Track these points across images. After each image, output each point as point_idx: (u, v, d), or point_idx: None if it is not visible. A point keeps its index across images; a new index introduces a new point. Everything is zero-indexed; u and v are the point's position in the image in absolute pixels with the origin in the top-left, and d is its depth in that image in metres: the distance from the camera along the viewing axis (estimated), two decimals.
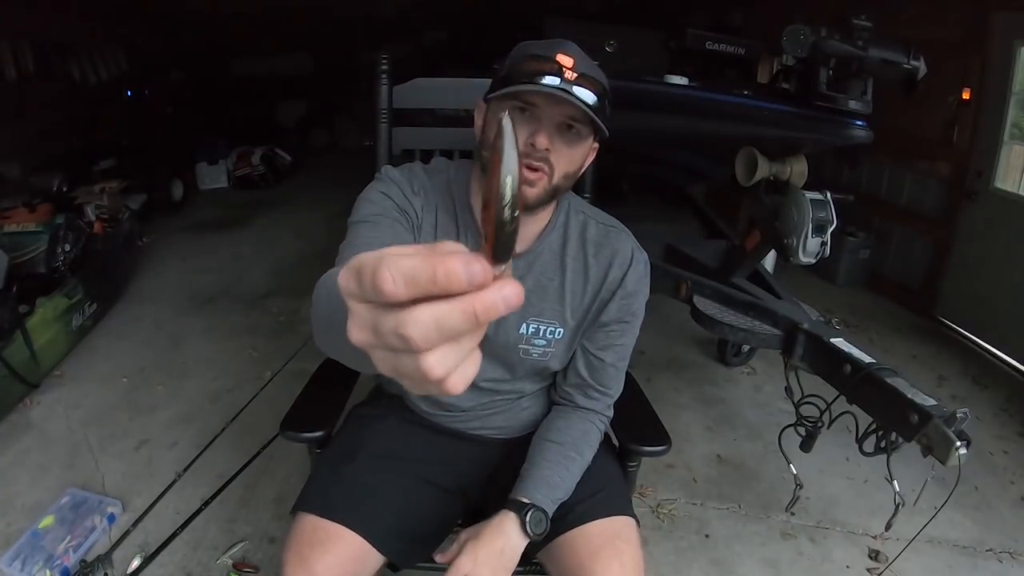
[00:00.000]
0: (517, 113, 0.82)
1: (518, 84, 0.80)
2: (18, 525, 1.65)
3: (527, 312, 0.95)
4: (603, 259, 0.95)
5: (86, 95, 4.38)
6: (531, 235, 0.94)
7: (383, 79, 1.26)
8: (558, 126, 0.82)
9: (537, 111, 0.82)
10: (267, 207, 4.84)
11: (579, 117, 0.81)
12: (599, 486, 0.99)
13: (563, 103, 0.80)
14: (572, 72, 0.79)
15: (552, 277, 0.95)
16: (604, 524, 0.93)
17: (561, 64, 0.79)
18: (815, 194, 1.72)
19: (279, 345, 2.65)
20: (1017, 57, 2.64)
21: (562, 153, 0.84)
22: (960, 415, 1.17)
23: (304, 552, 0.88)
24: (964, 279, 2.95)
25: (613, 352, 0.99)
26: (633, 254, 0.96)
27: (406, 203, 0.90)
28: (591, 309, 0.96)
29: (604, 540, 0.91)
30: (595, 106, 0.81)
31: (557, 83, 0.78)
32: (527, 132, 0.82)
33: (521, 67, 0.81)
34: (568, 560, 0.91)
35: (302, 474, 1.07)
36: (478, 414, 1.06)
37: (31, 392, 2.24)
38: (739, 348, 2.52)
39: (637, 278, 0.96)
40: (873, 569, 1.61)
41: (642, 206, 3.15)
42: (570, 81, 0.79)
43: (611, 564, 0.88)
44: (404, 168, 0.96)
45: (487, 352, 0.99)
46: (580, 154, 0.87)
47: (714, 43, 2.45)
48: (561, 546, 0.93)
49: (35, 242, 2.56)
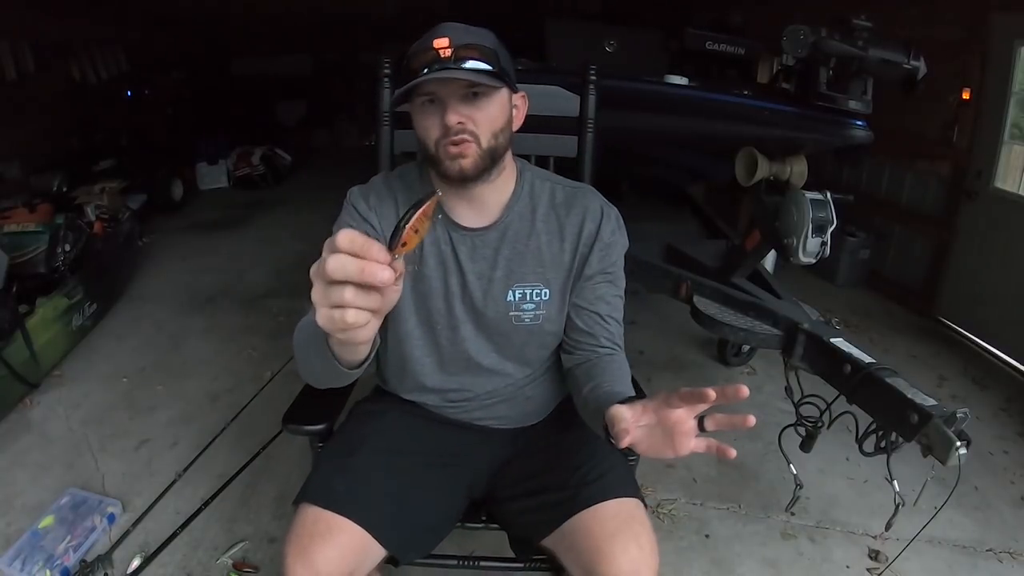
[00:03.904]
0: (428, 105, 0.88)
1: (407, 83, 0.87)
2: (18, 525, 1.65)
3: (510, 280, 0.99)
4: (575, 217, 1.00)
5: (86, 95, 4.38)
6: (497, 206, 0.99)
7: (385, 82, 1.26)
8: (462, 97, 0.87)
9: (439, 95, 0.87)
10: (267, 207, 4.85)
11: (475, 81, 0.86)
12: (606, 467, 0.99)
13: (451, 81, 0.85)
14: (449, 50, 0.85)
15: (527, 242, 0.99)
16: (617, 506, 0.93)
17: (437, 48, 0.85)
18: (815, 194, 1.72)
19: (279, 345, 2.65)
20: (1017, 57, 2.64)
21: (478, 116, 0.88)
22: (960, 415, 1.17)
23: (305, 543, 0.88)
24: (964, 279, 2.95)
25: (605, 304, 1.01)
26: (603, 208, 1.01)
27: (366, 227, 0.97)
28: (573, 266, 1.00)
29: (620, 523, 0.90)
30: (483, 67, 0.86)
31: (438, 68, 0.84)
32: (438, 118, 0.87)
33: (411, 65, 0.87)
34: (584, 542, 0.90)
35: (302, 473, 1.07)
36: (482, 403, 1.07)
37: (31, 392, 2.24)
38: (739, 348, 2.52)
39: (611, 229, 1.00)
40: (873, 569, 1.61)
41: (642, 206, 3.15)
42: (449, 59, 0.85)
43: (629, 547, 0.87)
44: (366, 186, 1.02)
45: (483, 330, 1.01)
46: (497, 109, 0.90)
47: (714, 43, 2.44)
48: (573, 529, 0.92)
49: (35, 242, 2.56)
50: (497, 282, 0.99)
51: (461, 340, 1.02)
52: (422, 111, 0.89)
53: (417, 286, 0.99)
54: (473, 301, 1.00)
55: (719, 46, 2.45)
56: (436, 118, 0.88)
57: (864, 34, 1.72)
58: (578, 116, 1.30)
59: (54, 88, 4.01)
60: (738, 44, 2.49)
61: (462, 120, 0.86)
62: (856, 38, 1.72)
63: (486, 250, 0.98)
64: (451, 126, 0.86)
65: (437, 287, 0.99)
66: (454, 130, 0.86)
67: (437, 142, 0.88)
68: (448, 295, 1.00)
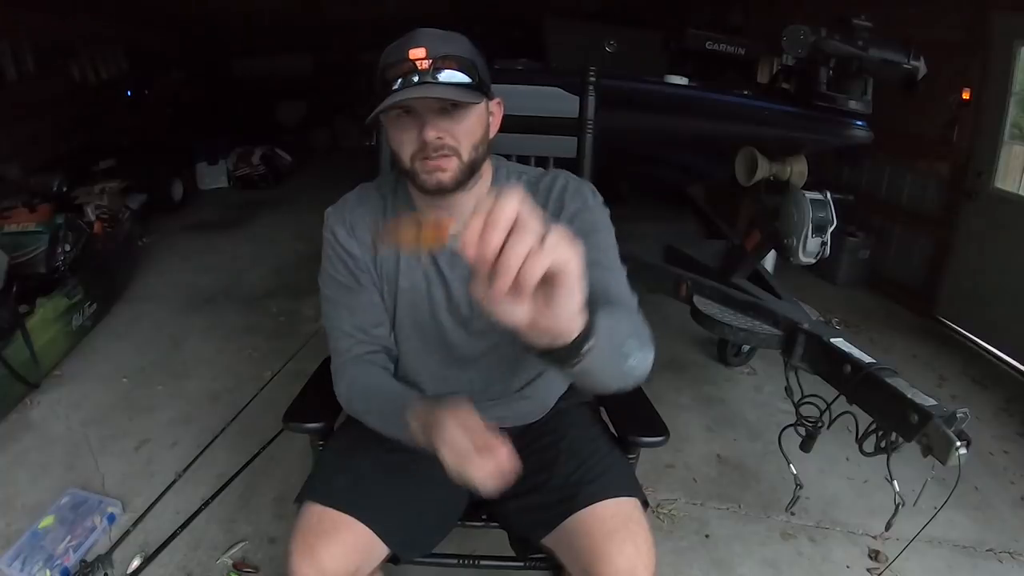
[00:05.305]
0: (403, 117, 0.84)
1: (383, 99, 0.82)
2: (18, 525, 1.65)
3: None
4: (540, 197, 0.95)
5: (86, 95, 4.38)
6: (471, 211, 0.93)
7: None
8: (440, 110, 0.83)
9: (415, 108, 0.83)
10: (267, 207, 4.84)
11: (453, 95, 0.82)
12: (605, 467, 0.99)
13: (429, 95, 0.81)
14: (426, 61, 0.81)
15: None
16: (615, 505, 0.93)
17: (414, 59, 0.81)
18: (815, 194, 1.72)
19: (279, 345, 2.65)
20: (1017, 57, 2.64)
21: (457, 131, 0.85)
22: (960, 415, 1.17)
23: (311, 542, 0.88)
24: (964, 279, 2.94)
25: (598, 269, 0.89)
26: (570, 181, 0.97)
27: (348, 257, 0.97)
28: None
29: (617, 523, 0.90)
30: (463, 79, 0.83)
31: (415, 81, 0.81)
32: (415, 133, 0.84)
33: (385, 76, 0.83)
34: (581, 542, 0.90)
35: (302, 474, 1.08)
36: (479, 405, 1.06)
37: (31, 392, 2.24)
38: (739, 348, 2.52)
39: (584, 196, 0.95)
40: (873, 569, 1.61)
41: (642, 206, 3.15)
42: (426, 71, 0.81)
43: (625, 547, 0.87)
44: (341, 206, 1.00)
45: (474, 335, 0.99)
46: (476, 121, 0.87)
47: (714, 43, 2.45)
48: (571, 528, 0.92)
49: (35, 242, 2.56)
50: None
51: (453, 347, 1.01)
52: (397, 124, 0.85)
53: (404, 300, 0.99)
54: (459, 308, 0.98)
55: (719, 46, 2.45)
56: (412, 132, 0.84)
57: (864, 34, 1.72)
58: (578, 117, 1.30)
59: (54, 88, 4.01)
60: (738, 44, 2.49)
61: (440, 135, 0.83)
62: (856, 38, 1.72)
63: None
64: (429, 142, 0.83)
65: (422, 301, 0.99)
66: (433, 146, 0.83)
67: (413, 156, 0.85)
68: (433, 307, 0.99)
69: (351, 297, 0.99)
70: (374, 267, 0.99)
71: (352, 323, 0.99)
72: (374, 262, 0.98)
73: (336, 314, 1.00)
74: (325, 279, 1.01)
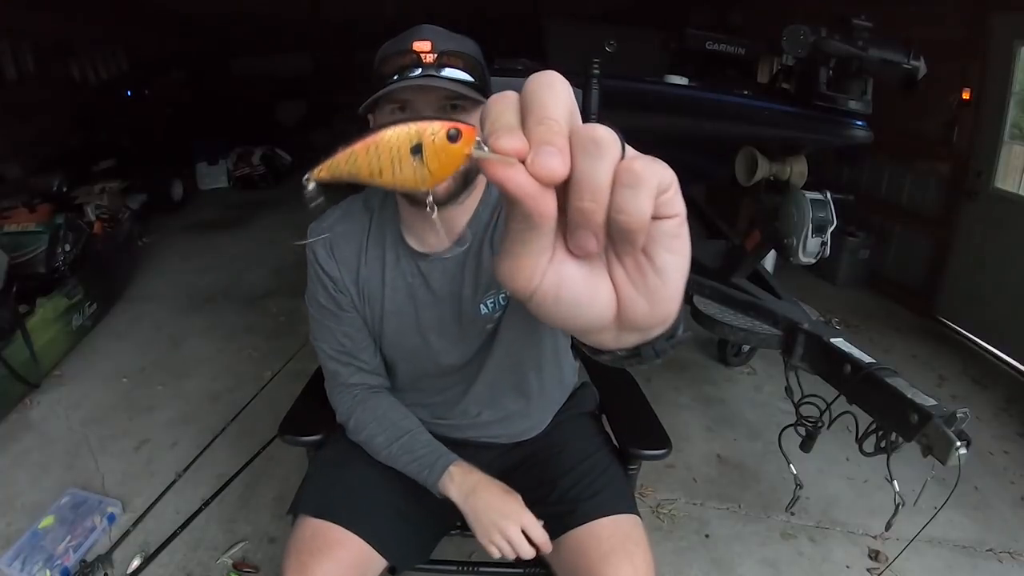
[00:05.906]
0: (398, 114, 0.79)
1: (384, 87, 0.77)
2: (18, 525, 1.65)
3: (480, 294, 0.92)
4: None
5: (86, 95, 4.38)
6: (463, 225, 0.91)
7: None
8: (439, 109, 0.78)
9: (415, 105, 0.78)
10: (267, 207, 4.84)
11: (456, 94, 0.78)
12: (603, 483, 0.98)
13: (433, 90, 0.77)
14: (431, 55, 0.76)
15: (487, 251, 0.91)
16: (612, 523, 0.92)
17: (419, 51, 0.77)
18: (815, 194, 1.72)
19: (279, 345, 2.65)
20: (1017, 57, 2.64)
21: None
22: (960, 415, 1.16)
23: (304, 559, 0.87)
24: (964, 279, 2.94)
25: None
26: None
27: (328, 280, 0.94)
28: None
29: (615, 542, 0.90)
30: (467, 79, 0.78)
31: (419, 73, 0.76)
32: None
33: (384, 69, 0.78)
34: (578, 560, 0.89)
35: (302, 474, 1.07)
36: (474, 421, 1.05)
37: (31, 392, 2.24)
38: (739, 348, 2.52)
39: None
40: (873, 569, 1.61)
41: None
42: (431, 64, 0.76)
43: (623, 567, 0.87)
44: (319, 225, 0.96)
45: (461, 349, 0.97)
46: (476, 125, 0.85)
47: (714, 43, 2.44)
48: (568, 545, 0.91)
49: (35, 242, 2.56)
50: (466, 300, 0.92)
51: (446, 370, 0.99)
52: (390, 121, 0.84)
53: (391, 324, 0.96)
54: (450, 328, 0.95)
55: (719, 46, 2.45)
56: None
57: (864, 34, 1.71)
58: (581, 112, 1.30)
59: (54, 88, 4.01)
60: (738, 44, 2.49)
61: None
62: (856, 38, 1.71)
63: (454, 269, 0.92)
64: None
65: (410, 324, 0.95)
66: None
67: None
68: (422, 329, 0.95)
69: (334, 320, 0.97)
70: (355, 287, 0.95)
71: (337, 347, 0.98)
72: (356, 282, 0.94)
73: (321, 335, 0.99)
74: (309, 298, 0.99)
